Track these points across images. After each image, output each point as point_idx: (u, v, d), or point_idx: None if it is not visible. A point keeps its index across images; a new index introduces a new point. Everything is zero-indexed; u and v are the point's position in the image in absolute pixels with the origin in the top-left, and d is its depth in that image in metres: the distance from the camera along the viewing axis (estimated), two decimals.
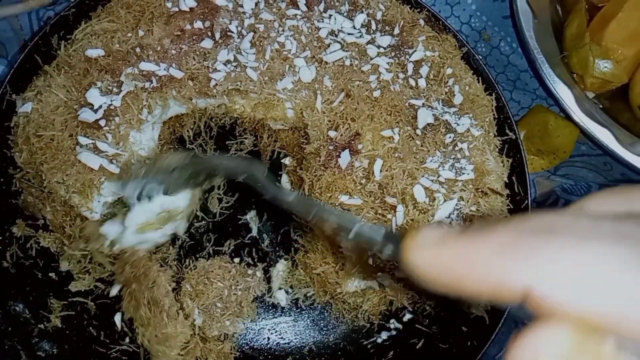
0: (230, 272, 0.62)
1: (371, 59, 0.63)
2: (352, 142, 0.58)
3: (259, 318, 0.64)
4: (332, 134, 0.59)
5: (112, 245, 0.57)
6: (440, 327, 0.61)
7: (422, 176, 0.57)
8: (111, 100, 0.57)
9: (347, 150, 0.57)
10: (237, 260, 0.65)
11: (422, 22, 0.68)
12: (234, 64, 0.61)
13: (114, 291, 0.61)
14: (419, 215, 0.55)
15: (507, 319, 0.57)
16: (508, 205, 0.61)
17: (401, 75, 0.63)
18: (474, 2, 0.83)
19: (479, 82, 0.66)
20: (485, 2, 0.83)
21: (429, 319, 0.62)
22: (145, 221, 0.57)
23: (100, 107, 0.57)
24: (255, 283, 0.64)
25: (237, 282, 0.62)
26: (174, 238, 0.65)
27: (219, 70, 0.60)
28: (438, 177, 0.58)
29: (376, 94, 0.61)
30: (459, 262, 0.22)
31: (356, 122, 0.59)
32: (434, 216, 0.56)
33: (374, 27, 0.66)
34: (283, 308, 0.64)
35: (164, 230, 0.60)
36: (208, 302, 0.59)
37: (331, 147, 0.58)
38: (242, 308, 0.61)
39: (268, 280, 0.65)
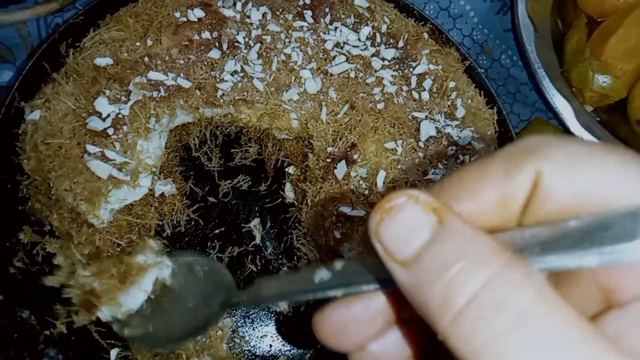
0: None
1: (376, 71, 0.64)
2: (349, 152, 0.59)
3: (260, 325, 0.64)
4: (329, 149, 0.60)
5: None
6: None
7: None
8: (119, 109, 0.58)
9: (343, 161, 0.58)
10: None
11: (426, 35, 0.69)
12: (241, 74, 0.62)
13: None
14: None
15: None
16: None
17: (405, 88, 0.64)
18: (476, 15, 0.84)
19: (480, 95, 0.67)
20: (487, 15, 0.84)
21: None
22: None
23: (109, 115, 0.57)
24: None
25: None
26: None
27: (226, 81, 0.61)
28: None
29: (380, 106, 0.62)
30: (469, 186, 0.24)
31: (352, 133, 0.60)
32: None
33: (378, 39, 0.67)
34: (285, 315, 0.65)
35: None
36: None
37: (329, 160, 0.59)
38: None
39: None
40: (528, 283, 0.20)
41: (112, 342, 0.58)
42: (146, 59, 0.60)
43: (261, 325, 0.64)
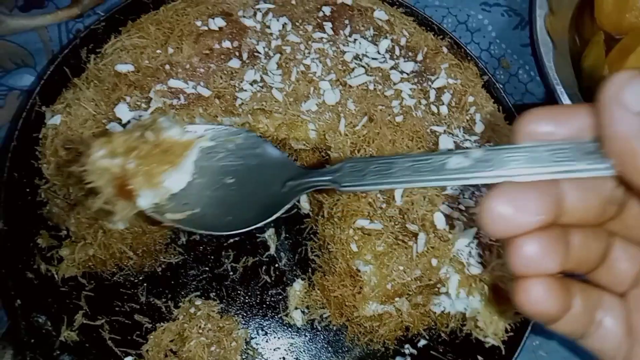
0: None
1: (394, 84, 0.64)
2: None
3: (274, 337, 0.64)
4: None
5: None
6: (455, 355, 0.62)
7: (443, 203, 0.58)
8: (139, 116, 0.58)
9: None
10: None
11: (445, 49, 0.69)
12: (260, 84, 0.62)
13: None
14: (439, 243, 0.56)
15: (523, 350, 0.57)
16: None
17: (423, 102, 0.64)
18: (494, 29, 0.84)
19: (499, 110, 0.67)
20: (505, 30, 0.84)
21: (444, 345, 0.63)
22: None
23: (129, 122, 0.58)
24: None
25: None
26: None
27: (245, 90, 0.61)
28: (458, 204, 0.58)
29: (399, 119, 0.62)
30: None
31: (370, 145, 0.60)
32: (454, 245, 0.56)
33: (397, 52, 0.67)
34: (299, 328, 0.64)
35: None
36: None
37: None
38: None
39: (285, 299, 0.65)
40: None
41: (126, 350, 0.58)
42: (167, 66, 0.60)
43: (275, 337, 0.64)
